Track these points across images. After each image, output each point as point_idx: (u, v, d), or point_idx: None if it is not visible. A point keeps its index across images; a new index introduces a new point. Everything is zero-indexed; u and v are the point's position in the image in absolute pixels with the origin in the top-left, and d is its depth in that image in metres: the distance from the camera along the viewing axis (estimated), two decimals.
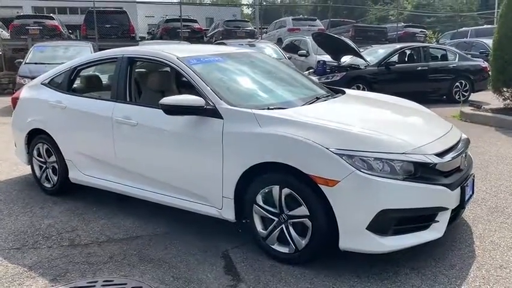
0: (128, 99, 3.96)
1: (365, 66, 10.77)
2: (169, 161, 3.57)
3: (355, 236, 2.80)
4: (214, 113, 3.31)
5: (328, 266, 3.05)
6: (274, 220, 3.12)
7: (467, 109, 8.90)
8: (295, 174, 2.94)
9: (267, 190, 3.10)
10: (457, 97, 11.45)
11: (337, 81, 10.21)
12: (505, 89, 8.20)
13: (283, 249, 3.11)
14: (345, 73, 10.54)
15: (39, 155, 4.74)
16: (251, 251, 3.34)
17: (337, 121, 3.07)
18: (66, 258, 3.33)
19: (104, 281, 2.98)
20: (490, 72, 11.94)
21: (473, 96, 11.55)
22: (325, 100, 3.75)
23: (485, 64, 11.89)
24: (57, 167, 4.56)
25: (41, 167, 4.77)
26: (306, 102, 3.60)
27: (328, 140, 2.86)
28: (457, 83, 11.59)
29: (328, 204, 2.83)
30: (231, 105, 3.32)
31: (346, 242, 2.83)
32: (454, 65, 11.61)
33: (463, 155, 3.18)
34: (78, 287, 2.92)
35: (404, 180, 2.77)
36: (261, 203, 3.14)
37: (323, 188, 2.81)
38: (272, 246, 3.16)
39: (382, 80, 10.65)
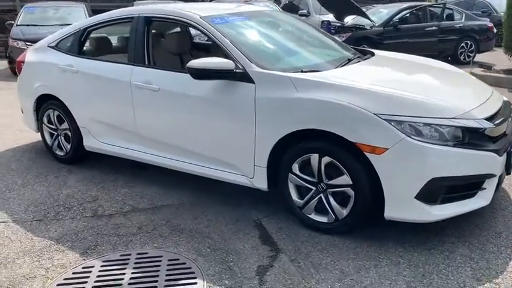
0: (147, 63, 3.73)
1: (371, 27, 10.48)
2: (196, 129, 3.40)
3: (402, 205, 2.69)
4: (245, 77, 3.12)
5: (369, 236, 2.96)
6: (312, 189, 2.99)
7: (478, 70, 8.74)
8: (337, 142, 2.79)
9: (304, 159, 2.95)
10: (462, 58, 11.25)
11: (343, 42, 9.92)
12: None
13: (322, 219, 3.00)
14: (350, 34, 10.25)
15: (49, 121, 4.53)
16: (284, 220, 3.24)
17: (379, 85, 2.90)
18: (93, 230, 3.20)
19: (137, 254, 2.87)
20: (494, 32, 11.78)
21: (478, 57, 11.36)
22: (357, 62, 3.56)
23: (490, 24, 11.65)
24: (70, 134, 4.36)
25: (51, 135, 4.57)
26: (339, 65, 3.42)
27: (374, 105, 2.70)
28: (463, 44, 11.36)
29: (374, 173, 2.70)
30: (263, 69, 3.12)
31: (393, 211, 2.72)
32: (461, 24, 11.35)
33: (509, 119, 3.05)
34: (111, 261, 2.81)
35: (455, 146, 2.64)
36: (298, 172, 3.01)
37: (369, 156, 2.67)
38: (309, 216, 3.05)
39: (388, 40, 10.38)
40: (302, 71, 3.15)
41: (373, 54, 4.01)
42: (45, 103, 4.48)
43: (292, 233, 3.07)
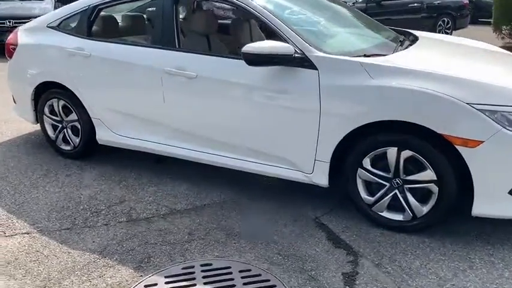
0: (178, 46, 3.31)
1: (353, 3, 10.28)
2: (244, 121, 3.06)
3: (493, 201, 2.51)
4: (305, 62, 2.80)
5: (445, 231, 2.78)
6: (385, 185, 2.76)
7: None
8: (420, 134, 2.55)
9: (379, 152, 2.70)
10: None
11: None
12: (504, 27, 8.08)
13: (396, 217, 2.78)
14: None
15: (52, 112, 4.02)
16: (346, 218, 3.01)
17: (457, 70, 2.67)
18: (137, 238, 2.83)
19: (201, 266, 2.55)
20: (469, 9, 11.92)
21: (454, 35, 11.47)
22: (411, 45, 3.31)
23: (466, 0, 11.77)
24: (79, 126, 3.88)
25: (55, 127, 4.07)
26: (397, 48, 3.16)
27: (464, 93, 2.47)
28: (440, 21, 11.43)
29: (463, 167, 2.49)
30: (325, 53, 2.82)
31: (482, 208, 2.54)
32: (439, 1, 11.38)
33: None
34: (174, 275, 2.47)
35: None
36: (369, 167, 2.76)
37: (460, 149, 2.46)
38: (380, 214, 2.82)
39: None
40: (365, 55, 2.87)
41: (410, 34, 3.78)
42: (47, 92, 3.96)
43: (361, 232, 2.84)
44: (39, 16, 4.46)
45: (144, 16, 4.30)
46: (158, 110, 3.39)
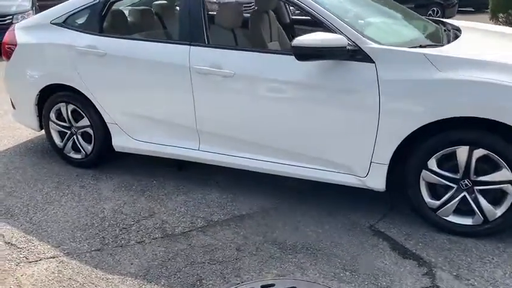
0: (207, 41, 3.00)
1: None
2: (289, 121, 2.78)
3: None
4: (359, 55, 2.54)
5: None
6: (452, 188, 2.53)
7: None
8: (497, 132, 2.33)
9: (446, 152, 2.47)
10: None
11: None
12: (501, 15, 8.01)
13: (464, 221, 2.57)
14: None
15: (60, 118, 3.65)
16: (403, 223, 2.78)
17: None
18: (180, 257, 2.53)
19: (263, 287, 2.27)
20: None
21: None
22: (460, 35, 3.06)
23: None
24: (92, 132, 3.53)
25: (62, 134, 3.70)
26: (449, 38, 2.93)
27: None
28: (430, 11, 11.37)
29: None
30: (380, 44, 2.56)
31: None
32: None
33: None
34: None
35: None
36: (435, 168, 2.53)
37: None
38: (446, 218, 2.60)
39: None
40: (421, 46, 2.64)
41: (445, 23, 3.56)
42: (53, 95, 3.59)
43: (426, 239, 2.61)
44: (16, 14, 4.06)
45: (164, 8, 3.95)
46: (186, 113, 3.08)
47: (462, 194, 2.52)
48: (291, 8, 4.43)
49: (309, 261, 2.45)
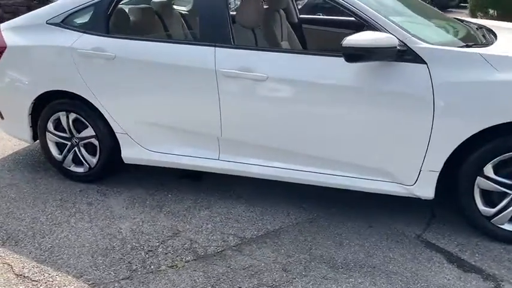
0: (233, 42, 2.75)
1: None
2: (330, 128, 2.58)
3: None
4: (408, 55, 2.37)
5: None
6: (509, 194, 2.40)
7: None
8: None
9: (505, 158, 2.34)
10: None
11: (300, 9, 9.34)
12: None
13: None
14: (306, 1, 9.67)
15: (58, 128, 3.30)
16: (451, 232, 2.65)
17: None
18: (225, 283, 2.28)
19: None
20: None
21: None
22: (497, 34, 2.94)
23: None
24: (97, 143, 3.20)
25: (61, 146, 3.34)
26: (492, 38, 2.80)
27: None
28: None
29: None
30: (430, 44, 2.40)
31: None
32: None
33: None
34: None
35: None
36: (491, 174, 2.39)
37: None
38: (501, 226, 2.47)
39: None
40: (467, 45, 2.49)
41: (469, 22, 3.46)
42: (51, 103, 3.23)
43: (481, 249, 2.47)
44: None
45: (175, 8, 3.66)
46: (210, 119, 2.82)
47: None
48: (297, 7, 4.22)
49: (368, 281, 2.26)
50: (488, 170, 2.39)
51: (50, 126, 3.29)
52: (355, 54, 2.30)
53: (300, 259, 2.44)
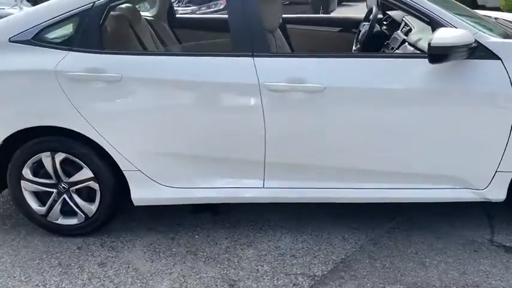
0: (274, 50, 2.36)
1: None
2: (400, 137, 2.32)
3: None
4: (481, 52, 2.20)
5: None
6: None
7: None
8: None
9: None
10: None
11: (222, 9, 9.01)
12: None
13: None
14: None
15: (38, 173, 2.59)
16: None
17: None
18: None
19: None
20: None
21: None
22: None
23: None
24: (97, 186, 2.56)
25: (44, 196, 2.64)
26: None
27: None
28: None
29: None
30: (500, 38, 2.26)
31: None
32: None
33: None
34: None
35: None
36: None
37: None
38: None
39: None
40: None
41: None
42: (28, 143, 2.52)
43: None
44: None
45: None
46: (252, 142, 2.39)
47: None
48: None
49: None
50: None
51: (27, 172, 2.57)
52: (442, 55, 2.06)
53: None
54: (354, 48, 3.50)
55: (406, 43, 2.85)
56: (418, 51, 2.52)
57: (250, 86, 2.28)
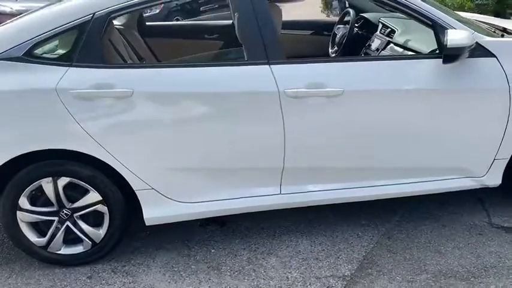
0: (285, 57, 2.36)
1: None
2: (415, 134, 2.45)
3: None
4: (478, 50, 2.37)
5: None
6: None
7: None
8: None
9: None
10: None
11: (157, 14, 8.83)
12: None
13: None
14: (162, 5, 9.10)
15: (37, 202, 2.37)
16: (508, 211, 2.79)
17: None
18: None
19: None
20: None
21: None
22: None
23: None
24: (105, 210, 2.40)
25: (43, 225, 2.42)
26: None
27: None
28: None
29: None
30: (493, 37, 2.47)
31: None
32: None
33: None
34: None
35: None
36: None
37: None
38: None
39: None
40: (502, 35, 2.64)
41: None
42: (25, 169, 2.30)
43: None
44: None
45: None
46: (272, 149, 2.38)
47: None
48: None
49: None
50: None
51: (24, 202, 2.34)
52: (455, 55, 2.21)
53: (425, 280, 2.26)
54: (331, 51, 3.61)
55: (391, 44, 3.01)
56: (413, 52, 2.67)
57: (269, 94, 2.27)
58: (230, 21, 3.30)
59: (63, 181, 2.32)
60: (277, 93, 2.26)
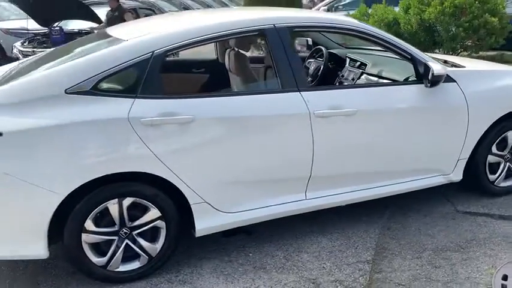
0: (307, 84, 2.93)
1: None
2: (407, 144, 3.13)
3: None
4: (445, 77, 3.15)
5: None
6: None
7: None
8: None
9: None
10: None
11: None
12: None
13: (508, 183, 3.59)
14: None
15: (100, 223, 2.58)
16: (470, 197, 3.56)
17: None
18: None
19: None
20: None
21: None
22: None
23: None
24: (163, 225, 2.68)
25: (104, 245, 2.62)
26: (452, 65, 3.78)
27: None
28: None
29: None
30: (452, 67, 3.29)
31: None
32: None
33: None
34: None
35: None
36: (495, 151, 3.43)
37: None
38: (501, 185, 3.56)
39: None
40: (453, 66, 3.48)
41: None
42: (92, 193, 2.50)
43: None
44: None
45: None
46: (303, 161, 2.87)
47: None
48: None
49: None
50: (494, 148, 3.42)
51: (89, 224, 2.53)
52: (438, 81, 2.94)
53: (429, 255, 2.89)
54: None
55: (365, 74, 3.73)
56: (388, 80, 3.40)
57: (303, 115, 2.78)
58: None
59: (128, 201, 2.56)
60: (308, 114, 2.79)
